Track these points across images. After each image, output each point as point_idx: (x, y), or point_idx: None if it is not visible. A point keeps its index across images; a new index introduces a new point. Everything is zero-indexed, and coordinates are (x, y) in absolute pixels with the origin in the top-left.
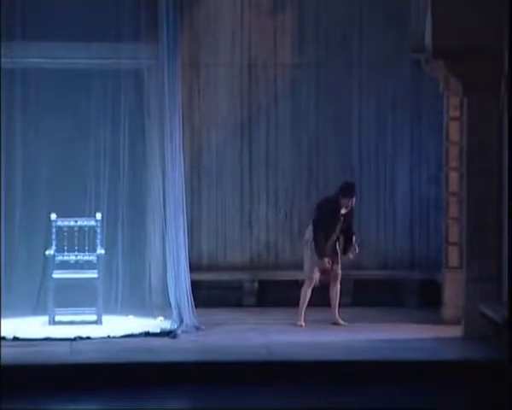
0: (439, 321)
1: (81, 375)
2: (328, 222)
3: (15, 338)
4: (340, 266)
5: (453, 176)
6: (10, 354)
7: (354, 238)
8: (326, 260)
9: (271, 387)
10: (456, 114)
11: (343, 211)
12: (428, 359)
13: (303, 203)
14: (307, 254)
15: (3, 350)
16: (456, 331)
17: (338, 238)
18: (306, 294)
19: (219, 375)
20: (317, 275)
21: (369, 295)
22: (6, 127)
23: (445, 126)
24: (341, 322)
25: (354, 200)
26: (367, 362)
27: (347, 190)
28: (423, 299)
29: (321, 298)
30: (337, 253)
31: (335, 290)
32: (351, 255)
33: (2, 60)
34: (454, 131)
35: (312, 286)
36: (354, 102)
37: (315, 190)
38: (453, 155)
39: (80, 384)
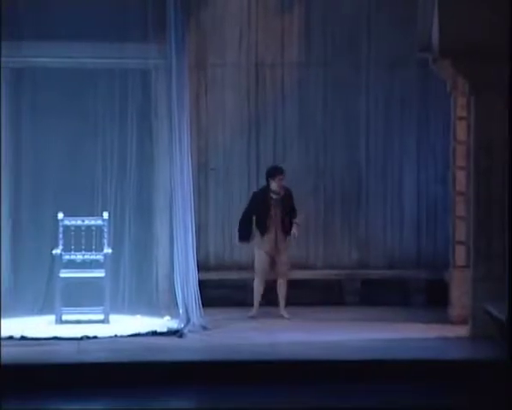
0: (445, 320)
1: (88, 374)
2: (260, 206)
3: (23, 337)
4: (287, 264)
5: (460, 175)
6: (17, 354)
7: (297, 218)
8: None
9: (276, 386)
10: (464, 113)
11: (275, 196)
12: (435, 358)
13: (310, 203)
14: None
15: (10, 349)
16: (462, 331)
17: (282, 231)
18: (257, 287)
19: (226, 374)
20: (264, 266)
21: (375, 295)
22: (13, 127)
23: (452, 126)
24: (286, 315)
25: (281, 178)
26: (373, 361)
27: (271, 171)
28: (430, 298)
29: (321, 298)
30: (281, 247)
31: (280, 284)
32: (295, 231)
33: (10, 59)
34: (461, 130)
35: (263, 280)
36: (361, 102)
37: (322, 190)
38: (460, 154)
39: (87, 384)
